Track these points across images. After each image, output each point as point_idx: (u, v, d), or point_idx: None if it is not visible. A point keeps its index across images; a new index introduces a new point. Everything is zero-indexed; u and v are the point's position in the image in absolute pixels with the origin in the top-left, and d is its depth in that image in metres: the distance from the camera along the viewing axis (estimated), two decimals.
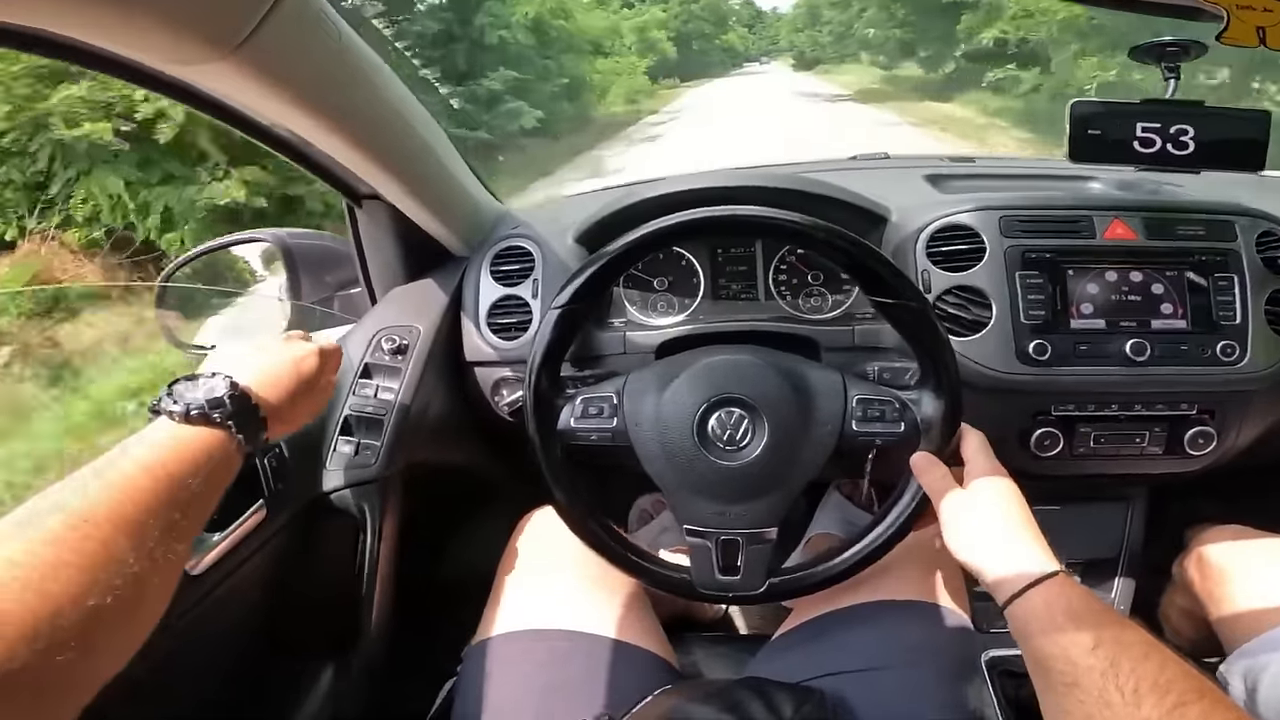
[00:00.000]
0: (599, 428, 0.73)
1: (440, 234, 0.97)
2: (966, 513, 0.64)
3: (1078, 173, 1.13)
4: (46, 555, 0.40)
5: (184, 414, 0.52)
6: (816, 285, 1.00)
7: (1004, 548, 0.61)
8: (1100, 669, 0.50)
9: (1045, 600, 0.56)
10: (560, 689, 0.72)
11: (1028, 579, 0.58)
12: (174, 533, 0.47)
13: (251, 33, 0.50)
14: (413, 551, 0.97)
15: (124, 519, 0.44)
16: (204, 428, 0.53)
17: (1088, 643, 0.52)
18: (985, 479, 0.66)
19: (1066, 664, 0.52)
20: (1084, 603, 0.55)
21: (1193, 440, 0.88)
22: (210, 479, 0.51)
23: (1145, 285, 0.86)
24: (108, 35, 0.47)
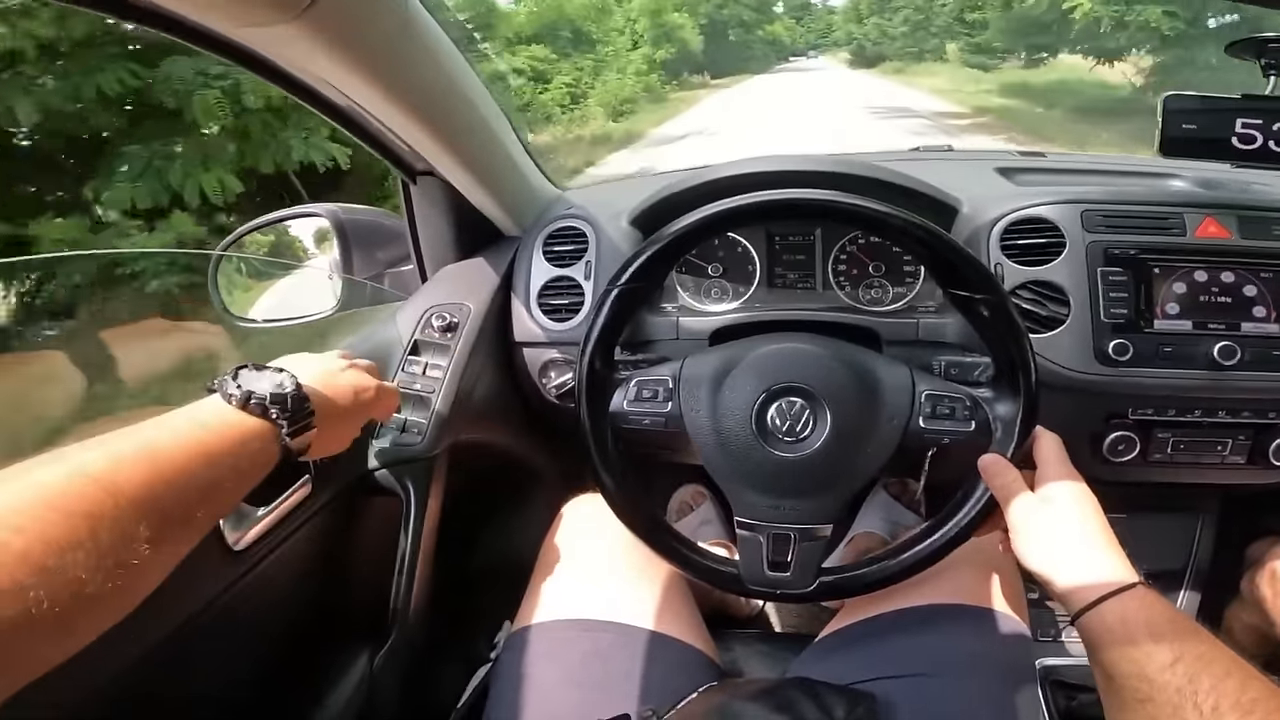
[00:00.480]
0: (653, 412, 0.71)
1: (494, 213, 0.96)
2: (1039, 519, 0.61)
3: (1157, 169, 1.07)
4: (52, 519, 0.36)
5: (243, 400, 0.50)
6: (878, 276, 0.96)
7: (1079, 556, 0.58)
8: (1177, 685, 0.47)
9: (1123, 612, 0.53)
10: (603, 681, 0.71)
11: (1104, 589, 0.55)
12: (190, 517, 0.44)
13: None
14: (453, 533, 0.97)
15: (145, 492, 0.41)
16: (255, 419, 0.51)
17: (1166, 658, 0.49)
18: (1060, 484, 0.63)
19: (1141, 679, 0.49)
20: (1164, 616, 0.52)
21: (1278, 451, 0.83)
22: (244, 472, 0.49)
23: (1237, 286, 0.82)
24: None
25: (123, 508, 0.39)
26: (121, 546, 0.38)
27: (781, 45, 56.85)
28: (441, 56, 0.72)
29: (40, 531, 0.35)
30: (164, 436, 0.44)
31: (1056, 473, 0.64)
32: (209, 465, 0.45)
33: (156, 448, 0.43)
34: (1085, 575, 0.57)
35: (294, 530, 0.73)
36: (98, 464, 0.40)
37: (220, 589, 0.63)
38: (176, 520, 0.42)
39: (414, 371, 0.88)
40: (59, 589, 0.35)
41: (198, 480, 0.44)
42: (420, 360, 0.89)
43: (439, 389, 0.87)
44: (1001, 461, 0.65)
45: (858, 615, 0.77)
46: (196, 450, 0.45)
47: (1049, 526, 0.61)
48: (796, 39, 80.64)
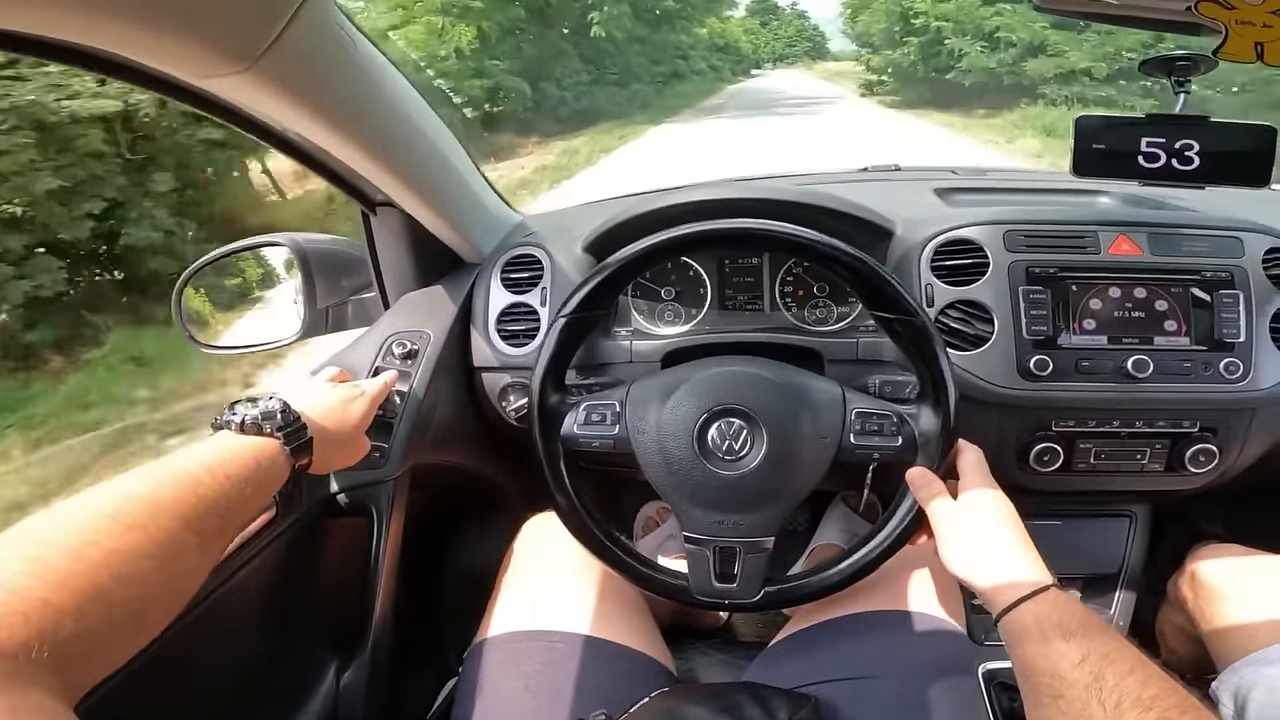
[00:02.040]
0: (601, 435, 0.74)
1: (453, 241, 0.99)
2: (960, 526, 0.65)
3: (1088, 187, 1.13)
4: (125, 538, 0.44)
5: (240, 424, 0.60)
6: (822, 297, 1.00)
7: (997, 561, 0.63)
8: (1084, 683, 0.51)
9: (1035, 614, 0.57)
10: (560, 690, 0.73)
11: (1020, 592, 0.59)
12: (223, 528, 0.53)
13: (270, 45, 0.52)
14: (418, 551, 0.99)
15: (186, 510, 0.49)
16: (258, 437, 0.60)
17: (1074, 656, 0.53)
18: (978, 492, 0.67)
19: (1053, 677, 0.53)
20: (1074, 616, 0.56)
21: (1194, 458, 0.87)
22: (260, 485, 0.58)
23: (1149, 302, 0.86)
24: (136, 50, 0.49)
25: (165, 522, 0.47)
26: (176, 554, 0.47)
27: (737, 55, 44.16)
28: (395, 94, 0.75)
29: (110, 544, 0.43)
30: (190, 463, 0.53)
31: (976, 482, 0.68)
32: (232, 484, 0.54)
33: (189, 471, 0.52)
34: (1003, 578, 0.61)
35: (259, 551, 0.75)
36: (141, 487, 0.48)
37: (187, 608, 0.65)
38: (212, 531, 0.51)
39: None
40: (134, 591, 0.43)
41: (225, 496, 0.53)
42: None
43: (400, 414, 0.89)
44: (926, 474, 0.69)
45: (806, 622, 0.80)
46: (220, 472, 0.54)
47: (969, 533, 0.65)
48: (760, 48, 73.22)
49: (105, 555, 0.43)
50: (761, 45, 75.36)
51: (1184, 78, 0.85)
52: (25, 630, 0.37)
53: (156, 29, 0.47)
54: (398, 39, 12.27)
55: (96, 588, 0.41)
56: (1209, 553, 0.90)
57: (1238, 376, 0.84)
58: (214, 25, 0.49)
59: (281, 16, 0.52)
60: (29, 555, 0.41)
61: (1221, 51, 0.59)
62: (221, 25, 0.49)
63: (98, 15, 0.43)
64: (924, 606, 0.78)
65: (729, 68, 39.50)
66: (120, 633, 0.43)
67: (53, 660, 0.38)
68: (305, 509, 0.83)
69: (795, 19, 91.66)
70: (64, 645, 0.39)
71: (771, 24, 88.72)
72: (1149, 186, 0.94)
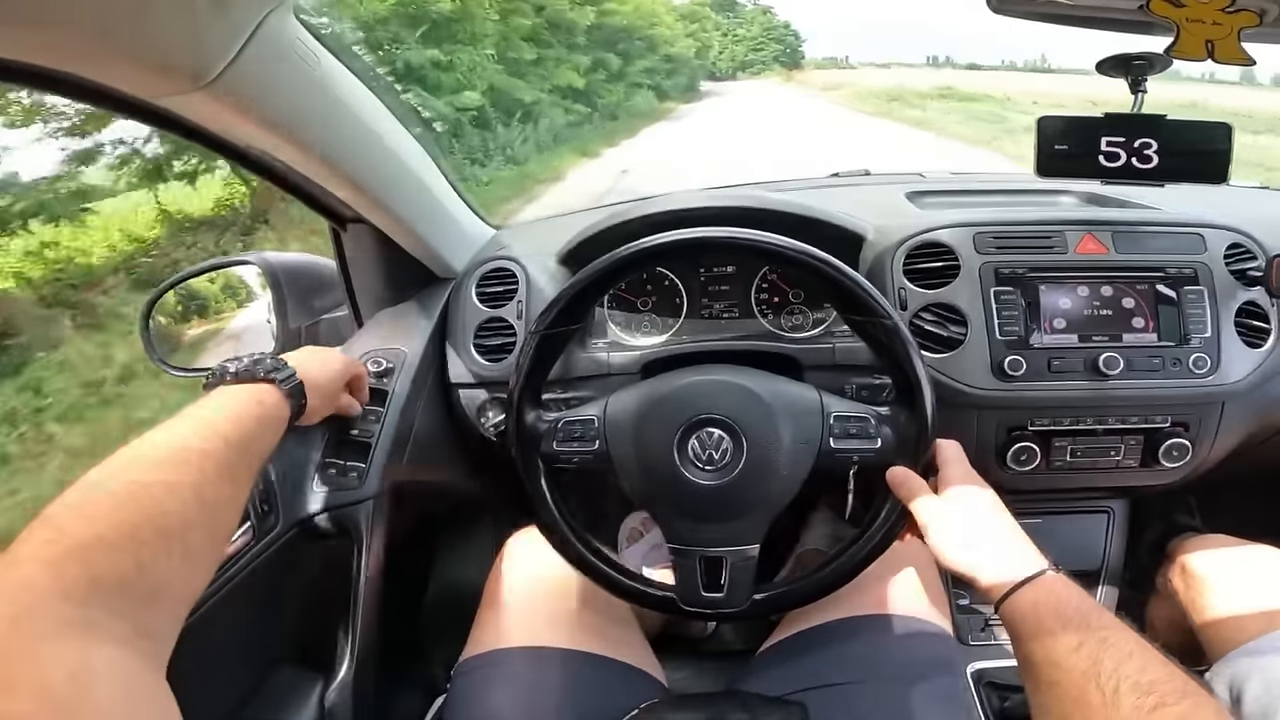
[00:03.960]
0: (581, 450, 0.74)
1: (425, 256, 0.98)
2: (948, 518, 0.65)
3: (1055, 187, 1.15)
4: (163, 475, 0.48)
5: (235, 375, 0.63)
6: (798, 303, 1.01)
7: (991, 548, 0.62)
8: (1082, 669, 0.50)
9: (1033, 599, 0.57)
10: (548, 705, 0.72)
11: (1017, 578, 0.59)
12: (250, 464, 0.58)
13: (229, 65, 0.51)
14: (402, 570, 0.97)
15: (213, 450, 0.53)
16: (252, 384, 0.63)
17: (1072, 642, 0.52)
18: (961, 485, 0.67)
19: (1050, 664, 0.53)
20: (1072, 602, 0.56)
21: (1167, 452, 0.88)
22: (267, 424, 0.61)
23: (1116, 299, 0.88)
24: (92, 70, 0.49)
25: (195, 460, 0.51)
26: (212, 489, 0.51)
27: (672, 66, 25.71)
28: (360, 109, 0.74)
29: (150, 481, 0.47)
30: (205, 412, 0.56)
31: (957, 474, 0.68)
32: (243, 427, 0.57)
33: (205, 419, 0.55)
34: (998, 566, 0.61)
35: (235, 576, 0.74)
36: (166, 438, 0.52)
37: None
38: (237, 464, 0.55)
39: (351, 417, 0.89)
40: (180, 524, 0.46)
41: (242, 437, 0.57)
42: None
43: (377, 434, 0.88)
44: (906, 472, 0.69)
45: (794, 628, 0.80)
46: (232, 416, 0.57)
47: (959, 524, 0.65)
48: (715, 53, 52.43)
49: (148, 492, 0.45)
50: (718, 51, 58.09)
51: (1140, 77, 0.86)
52: (82, 570, 0.39)
53: (112, 49, 0.46)
54: None
55: (147, 519, 0.44)
56: (1198, 544, 0.91)
57: (1206, 371, 0.86)
58: (171, 44, 0.48)
59: (241, 34, 0.52)
60: (75, 501, 0.43)
61: (1174, 50, 0.60)
62: (179, 44, 0.49)
63: (52, 36, 0.43)
64: (911, 609, 0.78)
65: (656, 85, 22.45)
66: (177, 570, 0.45)
67: (118, 601, 0.39)
68: (282, 530, 0.81)
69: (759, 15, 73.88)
70: (125, 585, 0.40)
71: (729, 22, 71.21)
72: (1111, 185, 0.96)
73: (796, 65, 69.73)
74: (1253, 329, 0.89)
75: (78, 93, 0.52)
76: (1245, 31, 0.58)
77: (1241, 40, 0.59)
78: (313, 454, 0.87)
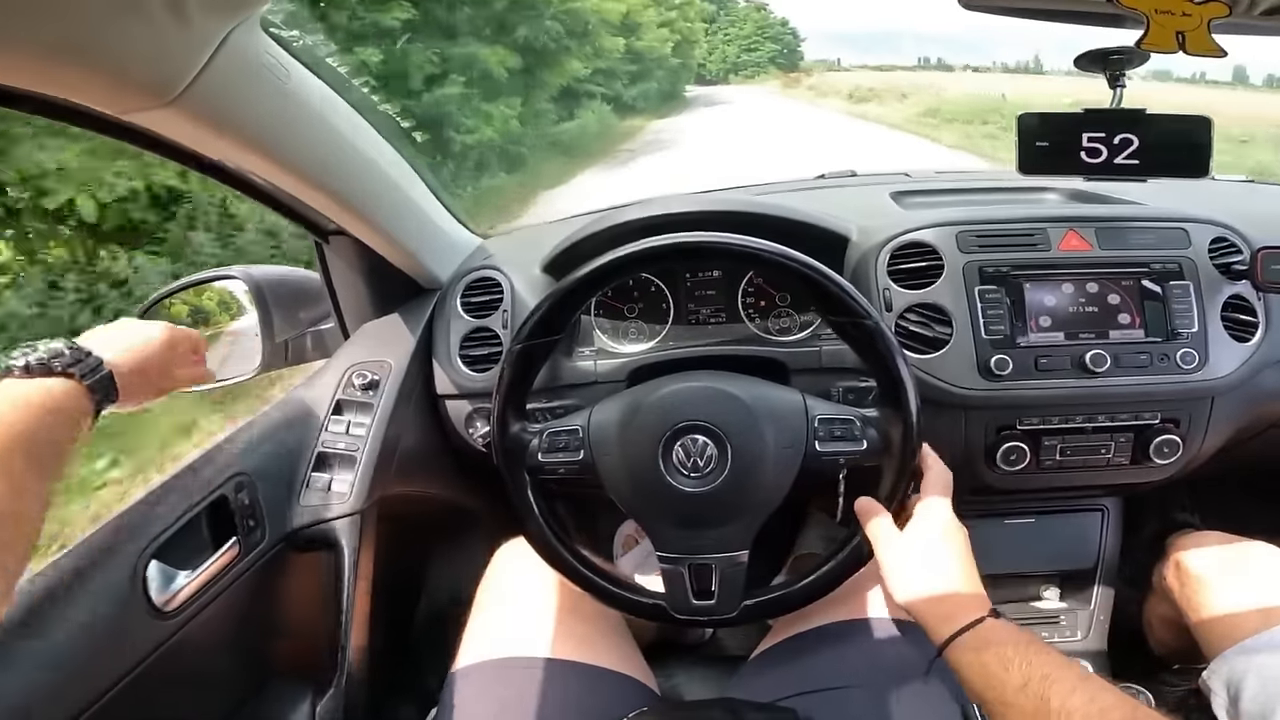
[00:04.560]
0: (567, 461, 0.74)
1: (409, 267, 0.98)
2: (903, 560, 0.66)
3: (1040, 184, 1.14)
4: None
5: (24, 368, 0.56)
6: (784, 307, 1.00)
7: (934, 595, 0.63)
8: (1031, 708, 0.52)
9: (975, 644, 0.58)
10: (539, 715, 0.72)
11: (956, 624, 0.60)
12: (34, 468, 0.51)
13: (193, 80, 0.51)
14: (392, 582, 0.97)
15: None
16: (47, 378, 0.56)
17: (1016, 683, 0.54)
18: (928, 522, 0.67)
19: (1000, 705, 0.54)
20: (1012, 643, 0.57)
21: (1158, 449, 0.88)
22: (62, 419, 0.55)
23: (1101, 296, 0.87)
24: (55, 86, 0.48)
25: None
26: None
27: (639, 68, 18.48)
28: (336, 120, 0.74)
29: None
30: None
31: (929, 509, 0.68)
32: (27, 421, 0.52)
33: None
34: (940, 614, 0.62)
35: (222, 591, 0.74)
36: None
37: (152, 648, 0.66)
38: (21, 470, 0.49)
39: (338, 431, 0.89)
40: None
41: (25, 436, 0.51)
42: (343, 419, 0.90)
43: (363, 447, 0.88)
44: (873, 504, 0.70)
45: (786, 633, 0.80)
46: (11, 414, 0.51)
47: (912, 567, 0.65)
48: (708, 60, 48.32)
49: None
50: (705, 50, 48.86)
51: (1118, 72, 0.86)
52: None
53: (76, 66, 0.46)
54: None
55: None
56: (1193, 542, 0.91)
57: (1194, 366, 0.85)
58: (135, 60, 0.48)
59: (205, 49, 0.52)
60: None
61: (1145, 42, 0.60)
62: (142, 60, 0.48)
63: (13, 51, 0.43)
64: (904, 613, 0.77)
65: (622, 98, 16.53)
66: None
67: None
68: (269, 544, 0.81)
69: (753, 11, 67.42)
70: None
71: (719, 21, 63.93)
72: (1094, 181, 0.96)
73: (794, 67, 61.20)
74: (1240, 323, 0.89)
75: (43, 109, 0.52)
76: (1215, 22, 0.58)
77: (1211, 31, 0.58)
78: (299, 468, 0.87)
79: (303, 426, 0.89)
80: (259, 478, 0.81)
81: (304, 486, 0.86)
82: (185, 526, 0.72)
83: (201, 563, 0.72)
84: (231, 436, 0.85)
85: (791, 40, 69.98)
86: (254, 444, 0.84)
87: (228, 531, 0.76)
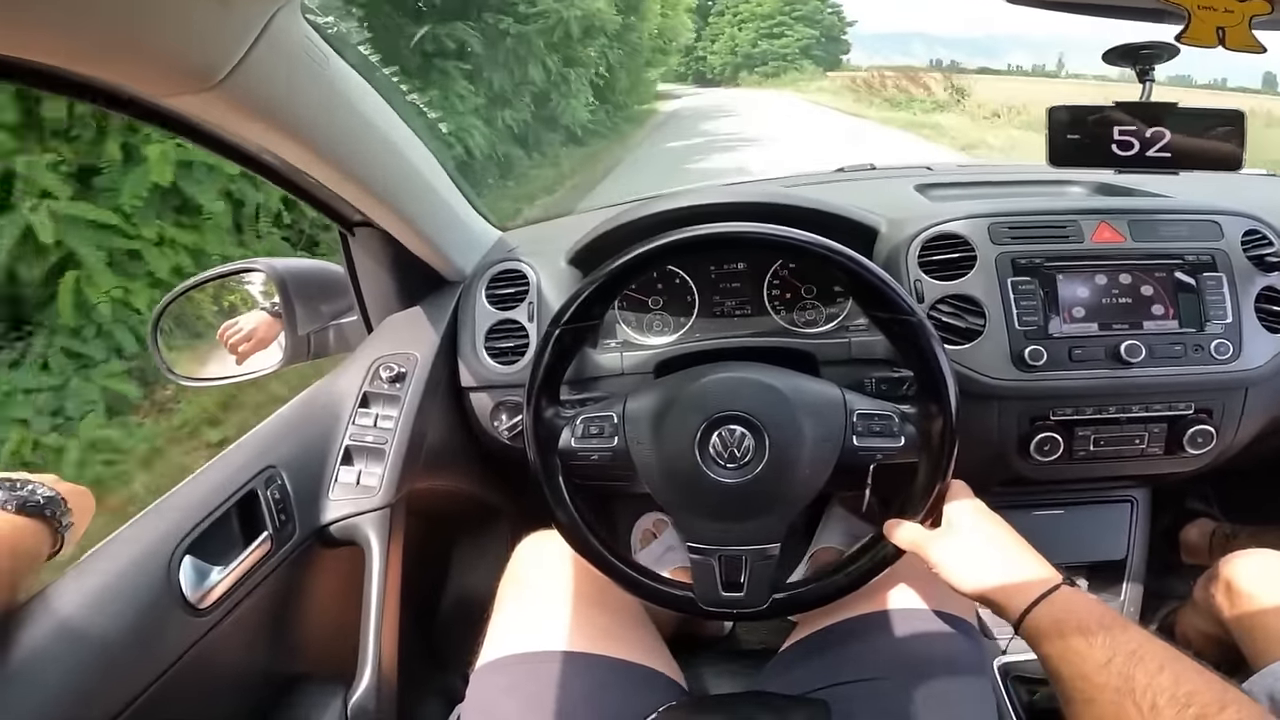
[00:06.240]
0: (600, 448, 0.73)
1: (434, 260, 0.98)
2: (954, 551, 0.65)
3: (1066, 177, 1.14)
4: None
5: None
6: (810, 299, 1.00)
7: (1001, 571, 0.62)
8: (1115, 685, 0.50)
9: (1053, 615, 0.56)
10: (567, 710, 0.71)
11: (1031, 595, 0.58)
12: None
13: (237, 64, 0.51)
14: (418, 577, 0.97)
15: None
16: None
17: (1100, 658, 0.51)
18: (962, 515, 0.67)
19: (1081, 679, 0.52)
20: (1093, 615, 0.55)
21: (1192, 439, 0.88)
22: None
23: (1135, 287, 0.87)
24: (99, 69, 0.48)
25: None
26: None
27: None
28: (369, 111, 0.74)
29: None
30: None
31: (963, 501, 0.68)
32: None
33: None
34: (1011, 587, 0.60)
35: (255, 586, 0.74)
36: None
37: (186, 646, 0.65)
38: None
39: (365, 424, 0.89)
40: None
41: None
42: (371, 413, 0.89)
43: (391, 440, 0.87)
44: (895, 523, 0.69)
45: (815, 626, 0.79)
46: None
47: (973, 554, 0.64)
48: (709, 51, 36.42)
49: None
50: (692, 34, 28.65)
51: (1148, 66, 0.86)
52: None
53: (119, 49, 0.45)
54: None
55: None
56: (1245, 559, 0.89)
57: (1228, 357, 0.85)
58: (179, 44, 0.48)
59: (249, 34, 0.51)
60: None
61: (1184, 37, 0.60)
62: (187, 44, 0.48)
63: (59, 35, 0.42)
64: (934, 603, 0.77)
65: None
66: None
67: None
68: (300, 539, 0.81)
69: None
70: None
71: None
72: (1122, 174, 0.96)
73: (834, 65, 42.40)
74: (1273, 314, 0.88)
75: (81, 92, 0.51)
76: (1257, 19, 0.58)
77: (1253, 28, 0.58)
78: (327, 461, 0.87)
79: (330, 420, 0.89)
80: (288, 471, 0.81)
81: (333, 480, 0.86)
82: (217, 522, 0.71)
83: (234, 559, 0.72)
84: (259, 430, 0.85)
85: (835, 23, 44.97)
86: (282, 437, 0.84)
87: (259, 527, 0.76)
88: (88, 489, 0.70)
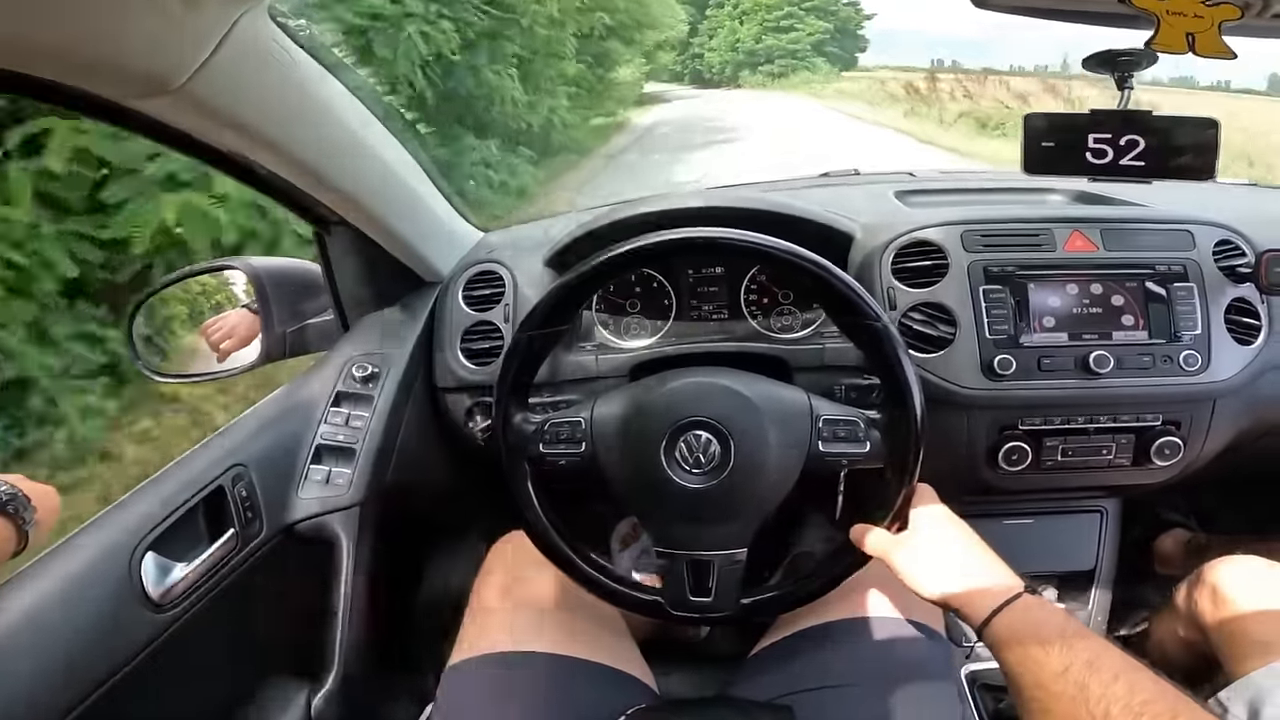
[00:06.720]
0: (568, 453, 0.73)
1: (410, 259, 0.97)
2: (921, 559, 0.65)
3: (1045, 185, 1.14)
4: None
5: None
6: (787, 304, 1.00)
7: (962, 577, 0.62)
8: (1070, 694, 0.50)
9: (1011, 623, 0.57)
10: (536, 711, 0.72)
11: (992, 602, 0.58)
12: None
13: (200, 68, 0.51)
14: (389, 576, 0.97)
15: None
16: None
17: (1057, 667, 0.52)
18: (926, 521, 0.67)
19: (1039, 689, 0.52)
20: (1051, 623, 0.55)
21: (1159, 450, 0.88)
22: None
23: (1105, 297, 0.87)
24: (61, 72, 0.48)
25: None
26: None
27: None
28: (342, 112, 0.74)
29: None
30: None
31: (927, 507, 0.68)
32: None
33: None
34: (973, 593, 0.60)
35: (221, 582, 0.74)
36: None
37: (147, 642, 0.65)
38: None
39: (336, 423, 0.89)
40: None
41: None
42: (343, 412, 0.89)
43: (363, 439, 0.87)
44: (864, 527, 0.69)
45: (785, 631, 0.79)
46: None
47: (935, 560, 0.65)
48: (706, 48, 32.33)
49: None
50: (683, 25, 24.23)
51: (1126, 73, 0.86)
52: None
53: (82, 52, 0.45)
54: None
55: None
56: (1230, 565, 0.89)
57: (1197, 368, 0.85)
58: (143, 47, 0.48)
59: (213, 36, 0.51)
60: None
61: (1154, 42, 0.60)
62: (150, 46, 0.48)
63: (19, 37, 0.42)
64: (903, 610, 0.77)
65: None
66: None
67: None
68: (267, 537, 0.81)
69: None
70: None
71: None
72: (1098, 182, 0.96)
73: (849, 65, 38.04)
74: (1243, 326, 0.89)
75: (44, 94, 0.51)
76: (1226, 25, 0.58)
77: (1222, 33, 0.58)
78: (298, 460, 0.87)
79: (302, 418, 0.89)
80: (257, 469, 0.81)
81: (303, 479, 0.86)
82: (182, 518, 0.71)
83: (198, 555, 0.72)
84: (229, 427, 0.85)
85: (852, 15, 39.47)
86: (252, 435, 0.84)
87: (225, 523, 0.76)
88: (53, 488, 0.70)
